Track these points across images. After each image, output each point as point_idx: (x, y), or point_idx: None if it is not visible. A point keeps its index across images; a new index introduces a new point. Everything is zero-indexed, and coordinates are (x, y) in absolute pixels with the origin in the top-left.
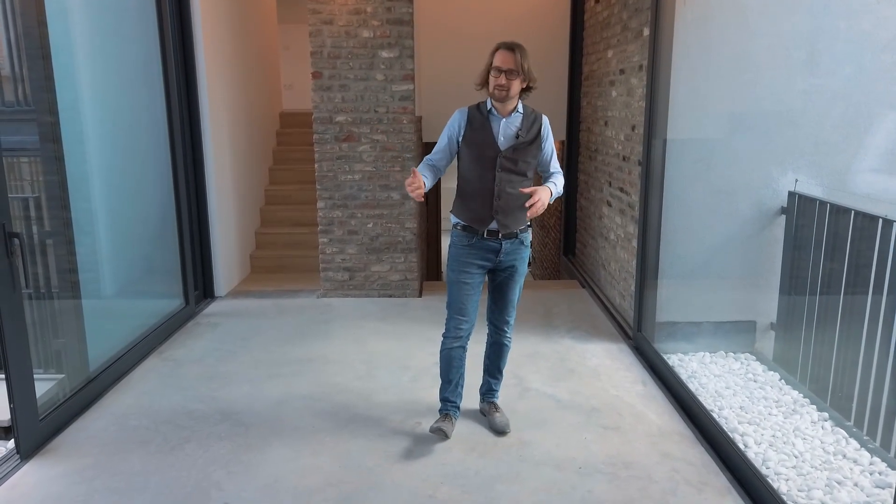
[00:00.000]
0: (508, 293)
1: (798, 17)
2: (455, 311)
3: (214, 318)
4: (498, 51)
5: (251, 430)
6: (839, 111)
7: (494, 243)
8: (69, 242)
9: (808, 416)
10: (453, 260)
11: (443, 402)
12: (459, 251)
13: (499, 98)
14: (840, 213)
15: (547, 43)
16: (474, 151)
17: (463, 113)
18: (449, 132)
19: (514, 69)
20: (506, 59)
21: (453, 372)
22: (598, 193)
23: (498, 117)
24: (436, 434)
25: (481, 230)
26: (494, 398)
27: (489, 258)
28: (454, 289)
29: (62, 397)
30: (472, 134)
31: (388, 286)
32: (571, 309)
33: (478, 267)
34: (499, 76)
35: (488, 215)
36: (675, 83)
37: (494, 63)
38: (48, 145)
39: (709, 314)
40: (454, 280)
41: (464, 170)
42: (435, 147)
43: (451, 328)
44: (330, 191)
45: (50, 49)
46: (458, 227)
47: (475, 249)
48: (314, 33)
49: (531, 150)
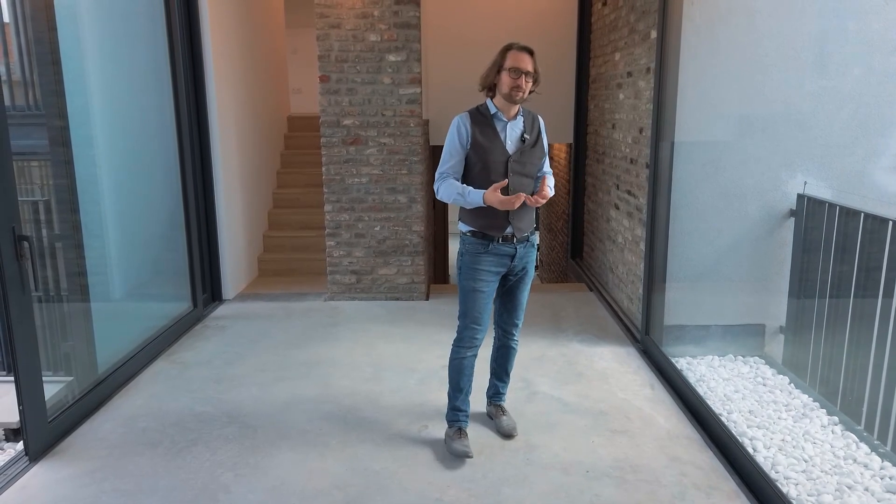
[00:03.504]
0: (520, 296)
1: (807, 19)
2: (471, 321)
3: (222, 320)
4: (512, 51)
5: (259, 433)
6: (848, 113)
7: (509, 248)
8: (78, 245)
9: (817, 420)
10: (468, 268)
11: (454, 412)
12: (474, 259)
13: (515, 100)
14: (850, 215)
15: (554, 46)
16: (484, 157)
17: (465, 119)
18: (457, 142)
19: (532, 71)
20: (526, 61)
21: (465, 380)
22: (606, 196)
23: (503, 121)
24: (461, 456)
25: (497, 236)
26: (502, 401)
27: (504, 263)
28: (470, 297)
29: (71, 399)
30: (482, 139)
31: (395, 289)
32: (579, 312)
33: (493, 274)
34: (518, 78)
35: (504, 221)
36: (683, 85)
37: (512, 64)
38: (58, 149)
39: (717, 317)
40: (470, 289)
41: (474, 177)
42: (443, 159)
43: (467, 338)
44: (337, 194)
45: (60, 54)
46: (471, 234)
47: (491, 256)
48: (322, 37)
49: (536, 151)
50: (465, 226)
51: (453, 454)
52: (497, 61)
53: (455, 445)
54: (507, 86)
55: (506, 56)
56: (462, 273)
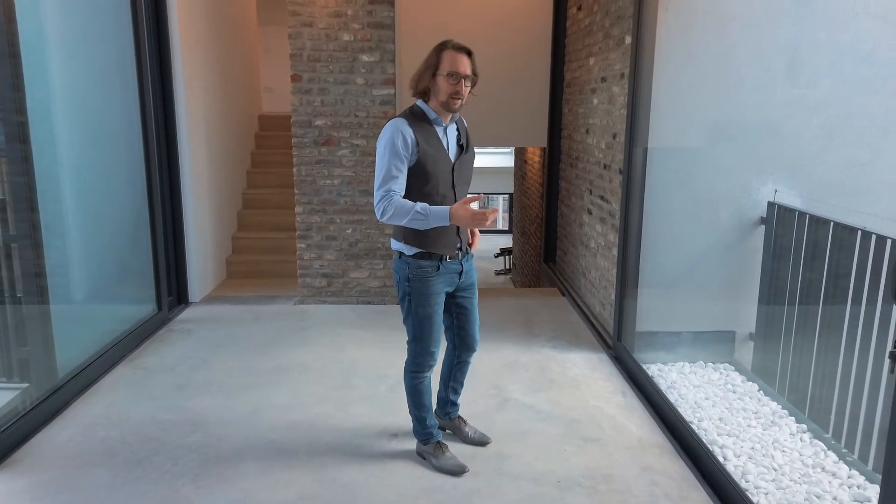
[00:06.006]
0: (474, 311)
1: (779, 28)
2: (429, 345)
3: (188, 324)
4: (448, 51)
5: (222, 442)
6: (819, 122)
7: (457, 265)
8: (37, 245)
9: (786, 427)
10: (419, 295)
11: (425, 429)
12: (426, 283)
13: (454, 109)
14: (819, 223)
15: (529, 49)
16: (433, 168)
17: (404, 126)
18: (401, 152)
19: (472, 74)
20: (464, 64)
21: (427, 397)
22: (579, 201)
23: (443, 126)
24: (459, 472)
25: (447, 254)
26: (458, 412)
27: (453, 281)
28: (426, 324)
29: (26, 407)
30: (428, 148)
31: (366, 293)
32: (552, 317)
33: (444, 293)
34: (457, 83)
35: (456, 237)
36: (657, 92)
37: (452, 68)
38: (15, 145)
39: (688, 324)
40: (426, 315)
41: (422, 191)
42: (384, 176)
43: (425, 362)
44: (308, 195)
45: (19, 47)
46: (419, 256)
47: (442, 276)
48: (294, 35)
49: (470, 156)
50: (411, 248)
51: (448, 471)
52: (431, 62)
53: (448, 462)
54: (444, 92)
55: (441, 57)
56: (413, 299)
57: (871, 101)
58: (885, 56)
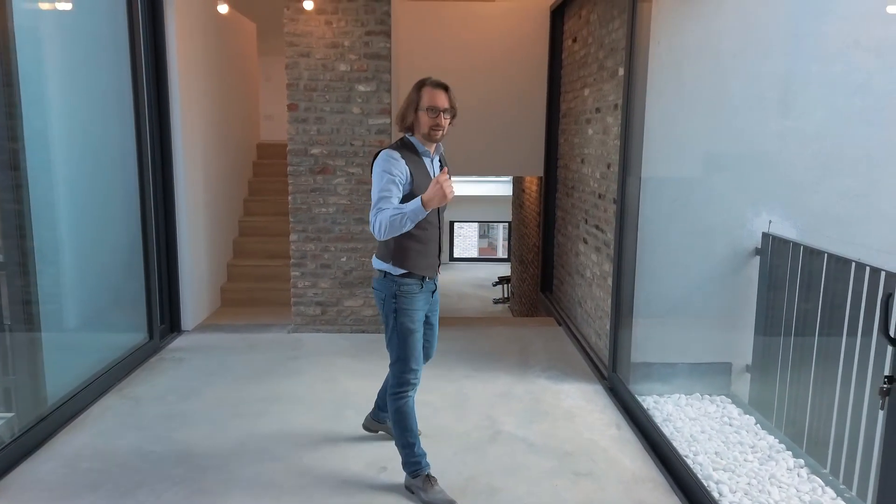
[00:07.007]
0: (436, 325)
1: (771, 61)
2: (412, 363)
3: (180, 353)
4: (426, 88)
5: (208, 474)
6: (812, 153)
7: (432, 284)
8: (29, 273)
9: (783, 462)
10: (405, 311)
11: (415, 459)
12: (413, 301)
13: (436, 139)
14: (814, 255)
15: (526, 80)
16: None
17: (396, 156)
18: (397, 179)
19: (450, 108)
20: (441, 98)
21: (412, 420)
22: (575, 230)
23: (430, 157)
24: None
25: (428, 275)
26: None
27: (429, 299)
28: (411, 340)
29: (9, 437)
30: (419, 180)
31: (360, 321)
32: (547, 347)
33: (424, 311)
34: (437, 116)
35: (436, 259)
36: (650, 122)
37: (430, 103)
38: (7, 172)
39: (684, 355)
40: (409, 331)
41: None
42: (379, 197)
43: (409, 381)
44: (303, 223)
45: (18, 77)
46: (406, 276)
47: (423, 295)
48: (291, 65)
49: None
50: (397, 268)
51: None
52: (413, 99)
53: (436, 497)
54: (426, 125)
55: (421, 94)
56: (398, 316)
57: (864, 133)
58: (877, 87)
